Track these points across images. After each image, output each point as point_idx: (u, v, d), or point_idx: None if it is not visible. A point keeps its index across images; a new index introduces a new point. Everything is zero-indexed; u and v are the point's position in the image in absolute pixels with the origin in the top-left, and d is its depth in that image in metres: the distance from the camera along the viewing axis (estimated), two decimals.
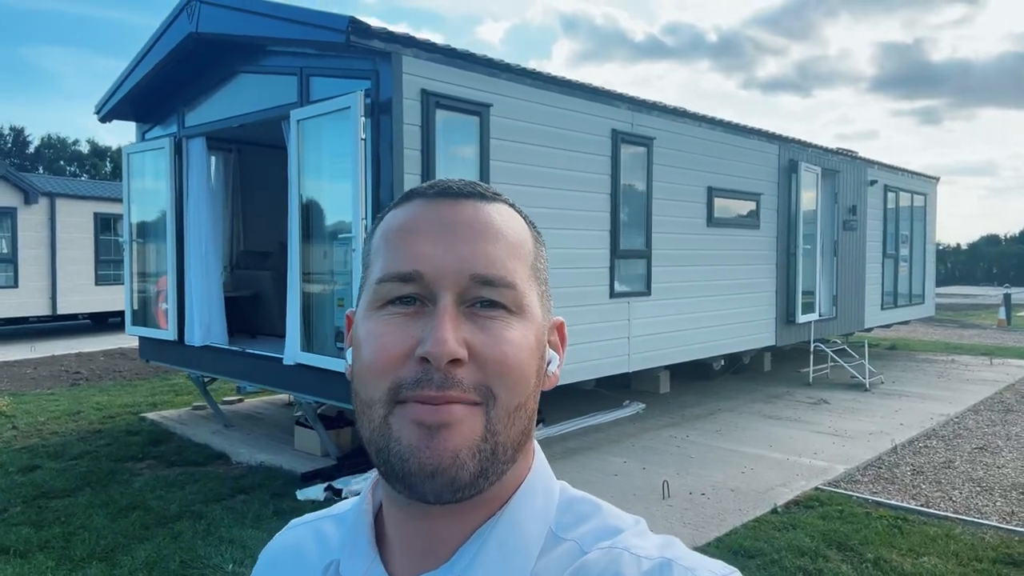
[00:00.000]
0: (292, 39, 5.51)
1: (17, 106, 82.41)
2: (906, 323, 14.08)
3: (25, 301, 14.45)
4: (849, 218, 11.03)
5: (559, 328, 0.72)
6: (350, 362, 0.65)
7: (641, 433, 7.14)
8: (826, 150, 10.48)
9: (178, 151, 7.02)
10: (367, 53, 5.19)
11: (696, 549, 4.30)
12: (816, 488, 5.55)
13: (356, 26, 4.85)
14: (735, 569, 0.62)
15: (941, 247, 45.94)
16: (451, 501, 0.60)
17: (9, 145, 50.94)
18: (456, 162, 5.67)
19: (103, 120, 7.53)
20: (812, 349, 10.07)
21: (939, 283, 39.26)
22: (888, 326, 13.21)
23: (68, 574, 4.08)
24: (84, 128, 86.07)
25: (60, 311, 14.96)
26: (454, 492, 0.59)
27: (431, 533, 0.64)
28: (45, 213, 14.68)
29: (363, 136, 5.02)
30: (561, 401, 7.96)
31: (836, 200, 10.82)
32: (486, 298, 0.61)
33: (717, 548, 4.41)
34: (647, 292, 7.45)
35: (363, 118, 5.01)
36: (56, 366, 11.63)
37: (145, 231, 7.62)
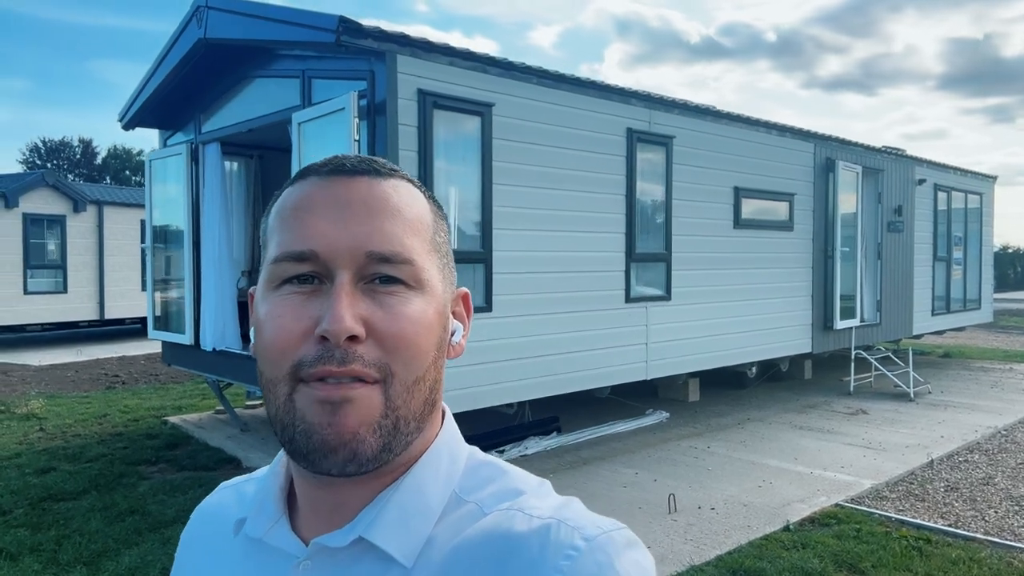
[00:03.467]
0: (288, 41, 5.48)
1: (85, 119, 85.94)
2: (961, 329, 13.37)
3: (74, 306, 14.90)
4: (894, 219, 10.52)
5: (464, 299, 0.73)
6: (253, 340, 0.66)
7: (660, 443, 6.88)
8: (868, 148, 10.02)
9: (194, 157, 7.08)
10: (364, 53, 5.11)
11: (693, 568, 4.08)
12: (836, 504, 5.22)
13: (347, 25, 4.77)
14: (623, 525, 0.63)
15: (1011, 250, 43.81)
16: (355, 474, 0.61)
17: (78, 156, 52.96)
18: (456, 162, 5.55)
19: (126, 128, 7.66)
20: (853, 357, 9.61)
21: (1009, 288, 37.48)
22: (940, 333, 12.56)
23: None
24: (147, 139, 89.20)
25: (108, 316, 15.38)
26: (358, 466, 0.60)
27: (336, 499, 0.65)
28: (93, 220, 15.13)
29: (356, 137, 4.94)
30: (580, 409, 7.76)
31: (880, 200, 10.33)
32: (384, 274, 0.62)
33: (716, 567, 4.16)
34: (667, 296, 7.19)
35: (356, 119, 4.93)
36: (97, 369, 11.93)
37: (167, 237, 7.72)
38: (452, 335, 0.69)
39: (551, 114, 6.10)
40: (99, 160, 54.27)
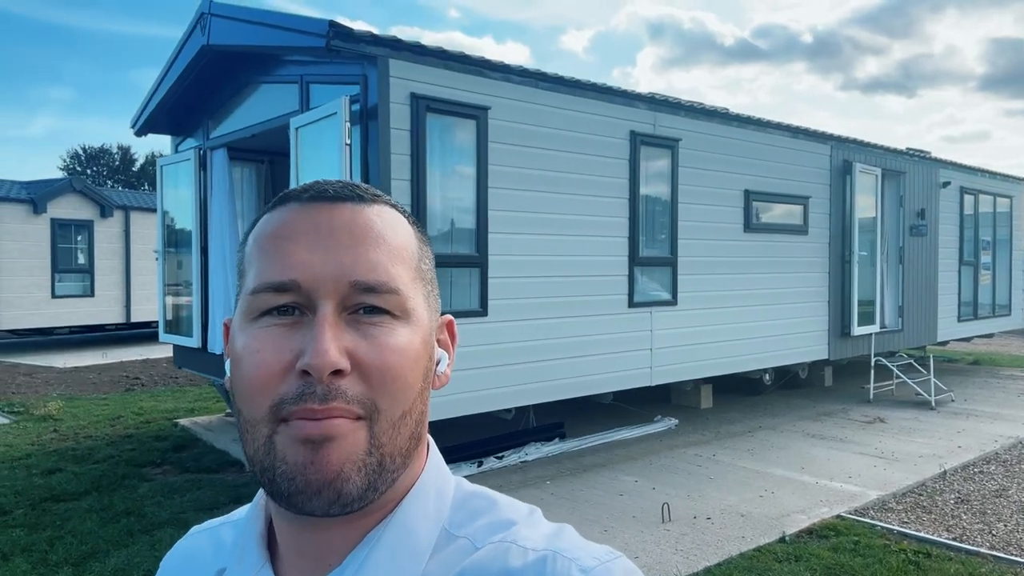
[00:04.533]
0: (285, 46, 5.51)
1: (125, 126, 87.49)
2: (990, 336, 13.00)
3: (101, 309, 15.19)
4: (917, 223, 10.26)
5: (448, 326, 0.71)
6: (228, 374, 0.63)
7: (665, 451, 6.77)
8: (888, 150, 9.78)
9: (203, 163, 7.16)
10: (357, 58, 5.12)
11: None
12: (838, 516, 5.08)
13: (337, 30, 4.78)
14: (620, 554, 0.62)
15: None
16: (340, 514, 0.59)
17: (117, 163, 54.06)
18: (451, 166, 5.53)
19: (138, 134, 7.78)
20: (873, 364, 9.38)
21: None
22: (967, 339, 12.22)
23: None
24: None
25: (134, 319, 15.65)
26: (342, 507, 0.58)
27: (320, 541, 0.62)
28: (120, 225, 15.42)
29: (348, 142, 4.94)
30: (588, 415, 7.68)
31: (902, 203, 10.08)
32: (369, 304, 0.60)
33: None
34: (673, 301, 7.08)
35: (347, 124, 4.94)
36: (119, 372, 12.13)
37: (177, 241, 7.82)
38: (437, 364, 0.68)
39: (550, 117, 6.04)
40: (136, 167, 55.37)
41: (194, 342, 7.28)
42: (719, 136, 7.53)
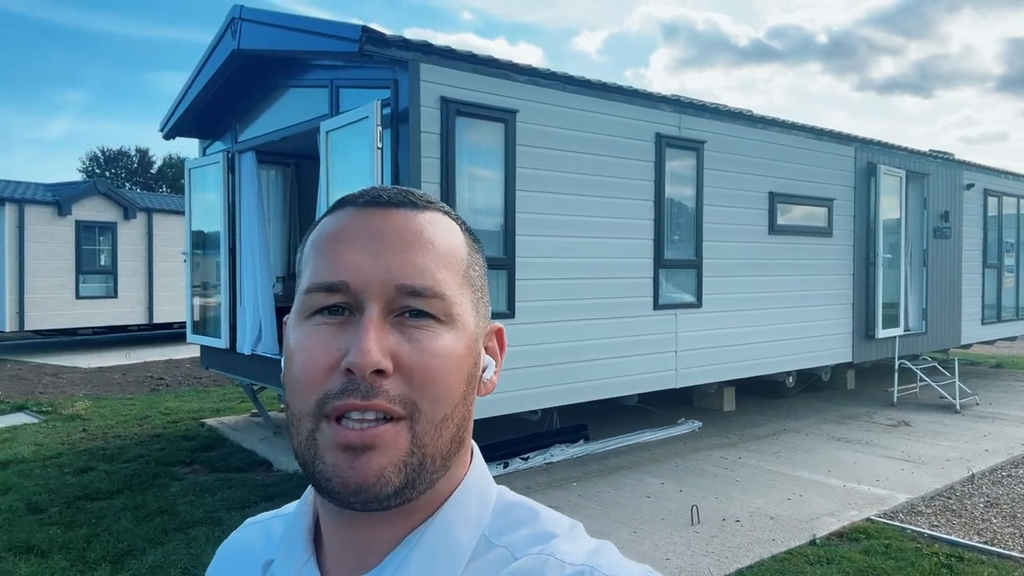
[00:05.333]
0: (316, 51, 5.57)
1: (143, 129, 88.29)
2: (1013, 339, 12.89)
3: (124, 311, 15.37)
4: (941, 225, 10.20)
5: (497, 334, 0.73)
6: (284, 369, 0.65)
7: (690, 453, 6.77)
8: (912, 152, 9.74)
9: (231, 166, 7.24)
10: (388, 62, 5.17)
11: None
12: (868, 519, 5.07)
13: (370, 35, 4.83)
14: (657, 573, 0.62)
15: None
16: (379, 509, 0.61)
17: (135, 165, 54.54)
18: (479, 169, 5.57)
19: (167, 137, 7.87)
20: (897, 366, 9.33)
21: None
22: (991, 342, 12.13)
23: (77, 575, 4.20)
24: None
25: (156, 320, 15.82)
26: (380, 503, 0.60)
27: (362, 539, 0.64)
28: (143, 227, 15.60)
29: (379, 145, 4.99)
30: (610, 418, 7.69)
31: (925, 205, 10.03)
32: (414, 307, 0.61)
33: None
34: (697, 303, 7.08)
35: (379, 127, 4.98)
36: (143, 372, 12.26)
37: (205, 243, 7.91)
38: (483, 371, 0.68)
39: (577, 120, 6.07)
40: (155, 169, 55.82)
41: (222, 343, 7.36)
42: (744, 138, 7.53)
